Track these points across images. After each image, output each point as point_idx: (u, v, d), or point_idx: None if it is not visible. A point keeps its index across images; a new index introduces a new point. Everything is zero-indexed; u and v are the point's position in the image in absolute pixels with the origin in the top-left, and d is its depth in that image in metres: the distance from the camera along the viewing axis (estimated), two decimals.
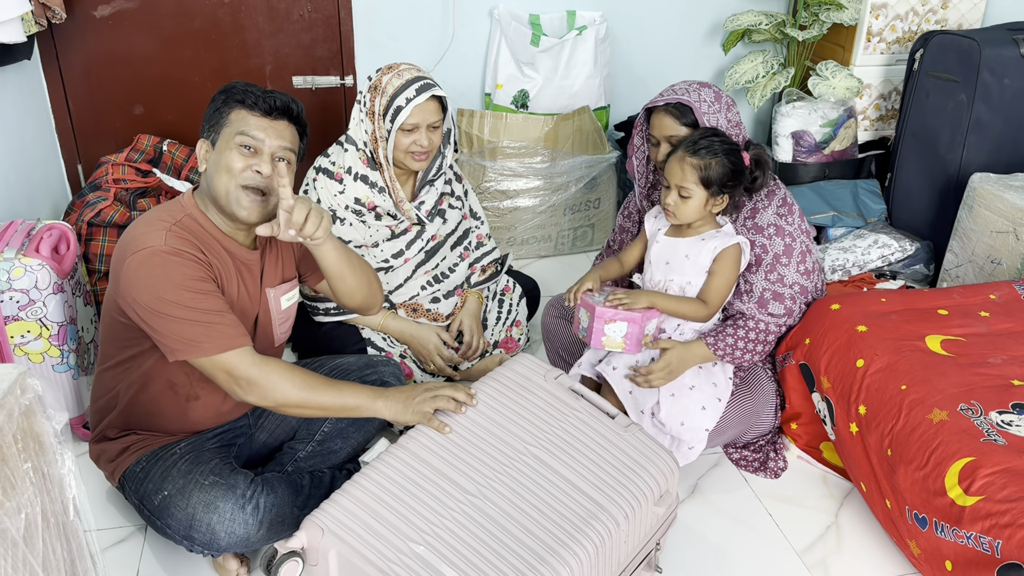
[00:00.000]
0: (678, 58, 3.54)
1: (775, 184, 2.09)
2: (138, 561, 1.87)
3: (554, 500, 1.57)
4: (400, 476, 1.58)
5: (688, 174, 1.94)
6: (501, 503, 1.55)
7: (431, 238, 2.39)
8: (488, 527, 1.51)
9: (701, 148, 1.93)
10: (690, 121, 2.03)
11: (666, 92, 2.07)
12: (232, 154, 1.67)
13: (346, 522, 1.50)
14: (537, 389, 1.78)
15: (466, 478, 1.59)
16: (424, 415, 1.68)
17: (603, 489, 1.60)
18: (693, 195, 1.95)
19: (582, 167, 3.10)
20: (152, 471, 1.77)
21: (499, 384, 1.78)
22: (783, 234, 2.05)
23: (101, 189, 2.57)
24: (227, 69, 3.13)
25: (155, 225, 1.67)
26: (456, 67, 3.29)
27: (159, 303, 1.60)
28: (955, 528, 1.60)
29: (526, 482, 1.60)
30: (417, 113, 2.14)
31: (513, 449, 1.65)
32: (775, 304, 2.05)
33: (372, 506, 1.52)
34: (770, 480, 2.17)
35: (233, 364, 1.64)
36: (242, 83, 1.72)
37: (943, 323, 2.00)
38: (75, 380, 2.16)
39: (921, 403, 1.76)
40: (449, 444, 1.65)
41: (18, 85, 2.74)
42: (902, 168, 3.07)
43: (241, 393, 1.66)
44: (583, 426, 1.72)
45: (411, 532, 1.49)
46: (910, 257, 2.90)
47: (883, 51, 3.31)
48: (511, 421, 1.70)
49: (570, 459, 1.65)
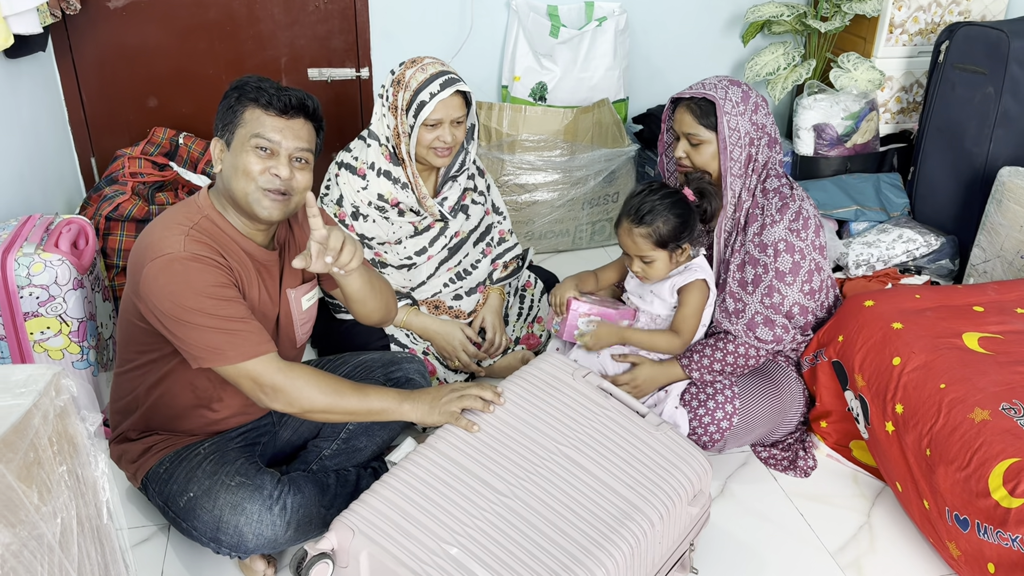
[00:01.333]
0: (697, 50, 3.50)
1: (790, 195, 2.02)
2: (162, 561, 1.84)
3: (587, 500, 1.54)
4: (430, 476, 1.55)
5: (641, 244, 1.98)
6: (533, 503, 1.52)
7: (454, 234, 2.35)
8: (521, 527, 1.48)
9: (644, 214, 1.95)
10: (710, 123, 1.98)
11: (695, 86, 2.03)
12: (249, 157, 1.63)
13: (377, 523, 1.47)
14: (565, 388, 1.75)
15: (497, 478, 1.56)
16: (451, 415, 1.65)
17: (636, 489, 1.57)
18: (655, 259, 1.99)
19: (601, 160, 3.06)
20: (176, 472, 1.74)
21: (527, 383, 1.75)
22: (792, 250, 1.99)
23: (118, 183, 2.54)
24: (242, 61, 3.09)
25: (173, 229, 1.62)
26: (473, 59, 3.25)
27: (181, 311, 1.56)
28: (999, 530, 1.57)
29: (558, 482, 1.57)
30: (441, 108, 2.10)
31: (543, 448, 1.62)
32: (764, 329, 2.01)
33: (403, 506, 1.50)
34: (800, 479, 2.14)
35: (258, 372, 1.61)
36: (255, 78, 1.67)
37: (979, 320, 1.96)
38: (95, 377, 2.13)
39: (961, 402, 1.73)
40: (478, 444, 1.62)
41: (32, 77, 2.70)
42: (926, 162, 3.03)
43: (267, 400, 1.63)
44: (614, 425, 1.69)
45: (443, 533, 1.46)
46: (935, 252, 2.87)
47: (905, 43, 3.27)
48: (540, 420, 1.67)
49: (602, 458, 1.62)
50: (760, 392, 2.07)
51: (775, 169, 2.06)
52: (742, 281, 2.04)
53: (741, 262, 2.05)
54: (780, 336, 2.02)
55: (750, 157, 2.00)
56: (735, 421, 2.01)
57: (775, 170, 2.06)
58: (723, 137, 1.96)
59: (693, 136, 2.00)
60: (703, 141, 2.00)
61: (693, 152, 2.02)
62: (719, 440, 2.02)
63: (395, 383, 2.03)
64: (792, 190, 2.04)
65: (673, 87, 3.55)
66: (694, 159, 2.02)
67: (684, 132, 2.02)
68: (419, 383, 2.05)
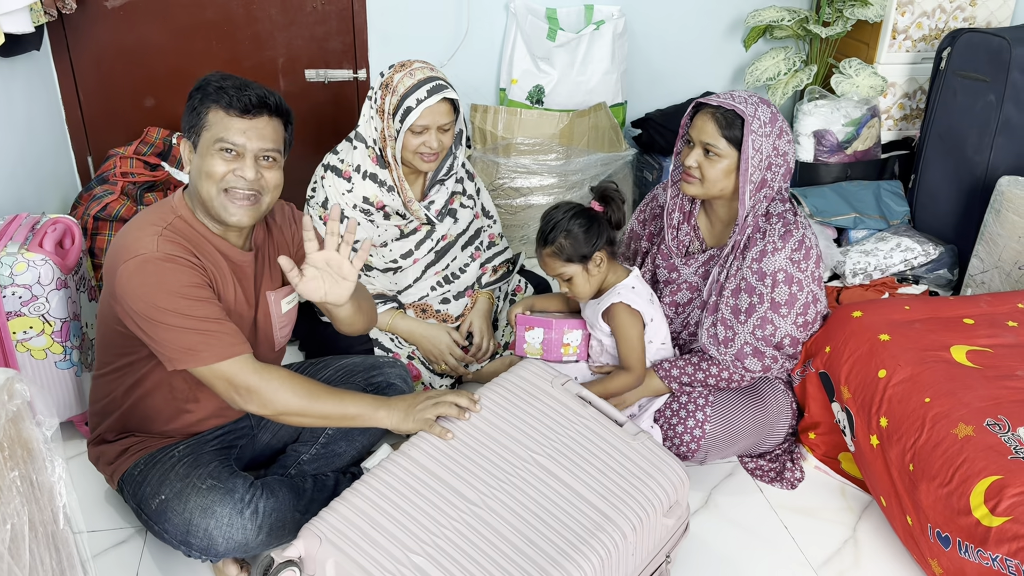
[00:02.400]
0: (698, 54, 3.47)
1: (793, 223, 1.95)
2: (137, 564, 1.84)
3: (558, 510, 1.52)
4: (401, 484, 1.54)
5: (552, 264, 1.99)
6: (503, 512, 1.51)
7: (441, 238, 2.33)
8: (489, 537, 1.47)
9: (547, 233, 1.97)
10: (733, 137, 1.90)
11: (724, 95, 1.95)
12: (214, 160, 1.61)
13: (344, 531, 1.46)
14: (543, 396, 1.73)
15: (468, 486, 1.54)
16: (426, 422, 1.64)
17: (610, 499, 1.55)
18: (571, 274, 2.00)
19: (597, 165, 3.04)
20: (150, 475, 1.74)
21: (504, 390, 1.73)
22: (791, 282, 1.95)
23: (108, 183, 2.54)
24: (239, 61, 3.09)
25: (146, 230, 1.61)
26: (471, 61, 3.23)
27: (155, 311, 1.55)
28: (980, 549, 1.54)
29: (530, 491, 1.55)
30: (427, 115, 2.08)
31: (517, 457, 1.60)
32: (752, 360, 1.98)
33: (371, 515, 1.48)
34: (787, 491, 2.11)
35: (233, 372, 1.60)
36: (217, 76, 1.64)
37: (969, 333, 1.93)
38: (78, 377, 2.12)
39: (946, 417, 1.70)
40: (452, 451, 1.60)
41: (28, 76, 2.71)
42: (927, 170, 2.99)
43: (241, 402, 1.62)
44: (590, 434, 1.67)
45: (410, 542, 1.45)
46: (934, 261, 2.83)
47: (908, 49, 3.23)
48: (516, 428, 1.66)
49: (576, 468, 1.60)
50: (742, 403, 2.04)
51: (781, 194, 2.01)
52: (735, 308, 2.00)
53: (736, 288, 2.00)
54: (768, 366, 2.00)
55: (764, 181, 1.94)
56: (707, 430, 1.98)
57: (781, 195, 2.01)
58: (746, 157, 1.89)
59: (712, 147, 1.92)
60: (721, 155, 1.92)
61: (706, 163, 1.94)
62: (696, 450, 2.00)
63: (376, 387, 2.01)
64: (796, 216, 1.98)
65: (674, 92, 3.53)
66: (705, 171, 1.94)
67: (703, 141, 1.93)
68: (400, 388, 2.04)
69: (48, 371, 2.07)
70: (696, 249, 2.14)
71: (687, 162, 1.97)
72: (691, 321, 2.13)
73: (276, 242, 1.84)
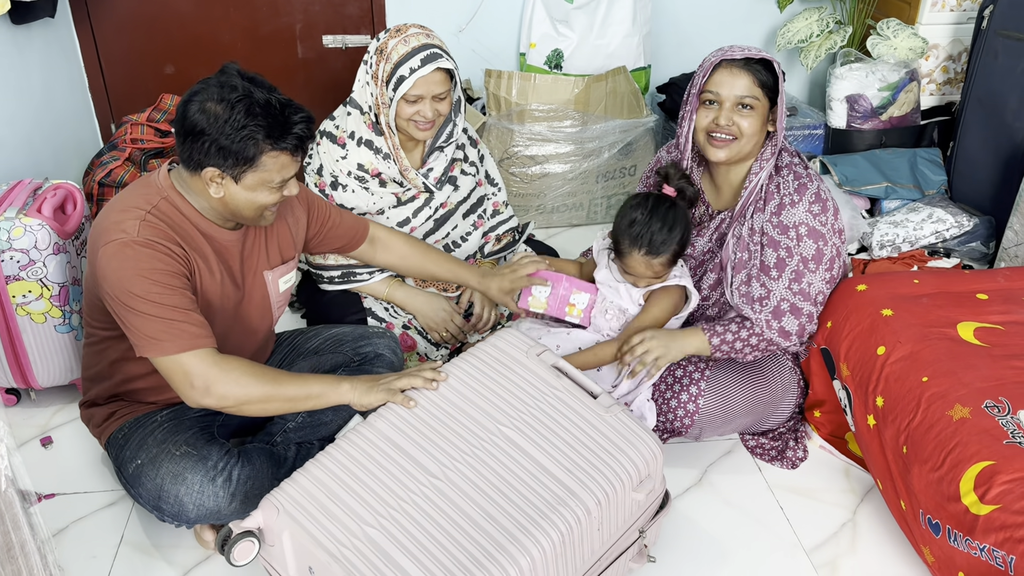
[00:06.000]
0: (728, 15, 3.34)
1: (806, 175, 1.90)
2: (124, 526, 1.87)
3: (521, 484, 1.48)
4: (362, 455, 1.52)
5: (659, 268, 1.94)
6: (464, 486, 1.47)
7: (440, 206, 2.29)
8: (447, 511, 1.44)
9: (658, 244, 1.90)
10: (768, 86, 1.85)
11: (733, 49, 1.87)
12: (262, 194, 1.63)
13: (302, 502, 1.45)
14: (517, 366, 1.68)
15: (430, 458, 1.51)
16: (390, 392, 1.61)
17: (575, 473, 1.50)
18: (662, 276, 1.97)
19: (615, 132, 2.95)
20: (131, 439, 1.75)
21: (477, 360, 1.69)
22: (816, 236, 1.87)
23: (118, 149, 2.56)
24: (257, 28, 3.08)
25: (129, 212, 1.60)
26: (490, 26, 3.17)
27: (127, 296, 1.55)
28: (968, 538, 1.45)
29: (493, 464, 1.51)
30: (421, 84, 2.03)
31: (484, 429, 1.56)
32: (790, 319, 1.89)
33: (330, 486, 1.47)
34: (787, 470, 2.03)
35: (191, 365, 1.57)
36: (260, 98, 1.54)
37: (980, 309, 1.81)
38: (78, 341, 2.16)
39: (942, 397, 1.60)
40: (416, 422, 1.57)
41: (46, 44, 2.74)
42: (965, 136, 2.83)
43: (196, 395, 1.58)
44: (562, 406, 1.61)
45: (366, 514, 1.42)
46: (967, 233, 2.68)
47: (953, 8, 3.04)
48: (484, 399, 1.61)
49: (544, 441, 1.55)
50: (741, 380, 1.96)
51: (787, 145, 1.95)
52: (763, 265, 1.92)
53: (760, 244, 1.93)
54: (803, 326, 1.90)
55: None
56: (701, 404, 1.91)
57: (787, 146, 1.95)
58: (782, 99, 1.87)
59: (750, 99, 1.84)
60: (756, 106, 1.85)
61: (741, 117, 1.86)
62: (690, 425, 1.93)
63: (364, 358, 2.00)
64: (806, 169, 1.92)
65: (702, 55, 3.36)
66: (743, 127, 1.86)
67: (738, 95, 1.84)
68: (388, 359, 2.02)
69: (48, 335, 2.10)
70: (704, 215, 2.07)
71: (720, 121, 1.87)
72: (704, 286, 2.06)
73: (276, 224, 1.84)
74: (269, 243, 1.84)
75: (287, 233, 1.89)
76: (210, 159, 1.57)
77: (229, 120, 1.53)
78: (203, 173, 1.59)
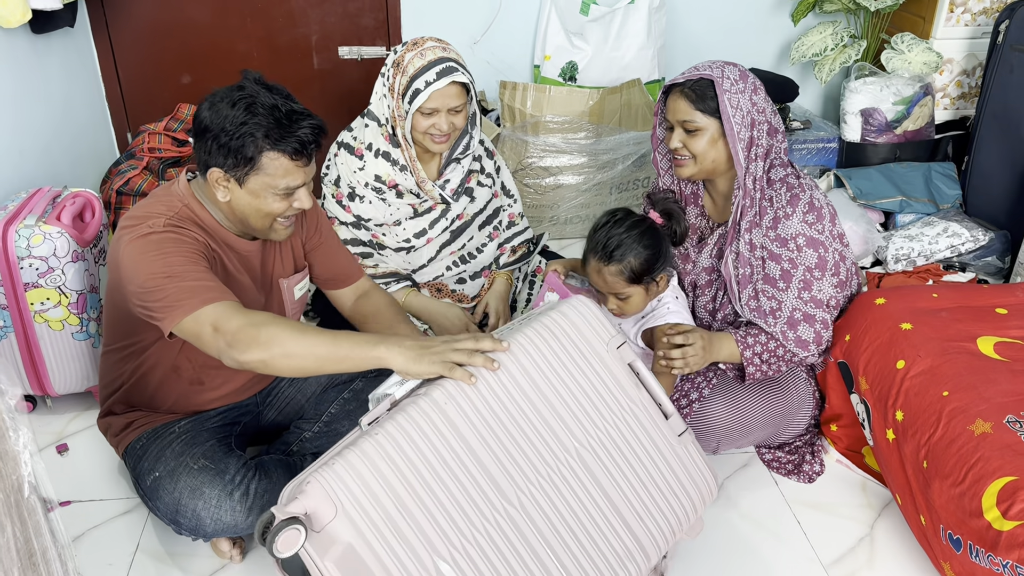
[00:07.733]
0: (743, 28, 3.34)
1: (798, 185, 1.89)
2: (140, 534, 1.87)
3: (594, 528, 1.40)
4: (430, 450, 1.31)
5: (613, 282, 1.88)
6: (539, 521, 1.36)
7: (457, 217, 2.30)
8: (520, 552, 1.32)
9: (612, 250, 1.84)
10: (707, 108, 1.86)
11: (688, 71, 1.91)
12: (270, 200, 1.62)
13: (364, 505, 1.24)
14: (594, 359, 1.47)
15: (505, 476, 1.35)
16: (445, 365, 1.36)
17: (644, 521, 1.44)
18: (630, 294, 1.89)
19: (629, 144, 2.95)
20: (149, 450, 1.75)
21: (549, 334, 1.45)
22: (814, 244, 1.87)
23: (135, 158, 2.58)
24: (273, 38, 3.10)
25: (152, 217, 1.61)
26: (504, 37, 3.18)
27: (147, 277, 1.53)
28: (990, 554, 1.44)
29: (569, 497, 1.39)
30: (436, 98, 2.04)
31: (561, 446, 1.41)
32: (805, 327, 1.88)
33: (396, 488, 1.26)
34: (804, 484, 2.02)
35: (217, 316, 1.46)
36: (266, 101, 1.54)
37: (1000, 323, 1.81)
38: (95, 348, 2.16)
39: (963, 412, 1.59)
40: (486, 412, 1.36)
41: (64, 53, 2.76)
42: (980, 151, 2.83)
43: (233, 352, 1.44)
44: (637, 428, 1.49)
45: (439, 543, 1.27)
46: (983, 248, 2.67)
47: (968, 23, 3.05)
48: (558, 397, 1.42)
49: (618, 472, 1.45)
50: (758, 391, 1.96)
51: (779, 158, 1.94)
52: (767, 277, 1.92)
53: (761, 259, 1.93)
54: (819, 333, 1.90)
55: (752, 140, 1.87)
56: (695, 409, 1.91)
57: (780, 159, 1.94)
58: (727, 117, 1.84)
59: (689, 123, 1.88)
60: (699, 128, 1.88)
61: (689, 140, 1.90)
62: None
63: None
64: (799, 179, 1.92)
65: None
66: (691, 147, 1.90)
67: (679, 120, 1.90)
68: None
69: (65, 342, 2.11)
70: (705, 229, 2.08)
71: (672, 145, 1.93)
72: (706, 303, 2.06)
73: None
74: (283, 252, 1.85)
75: (298, 243, 1.90)
76: (213, 158, 1.58)
77: (229, 117, 1.55)
78: (209, 175, 1.60)
